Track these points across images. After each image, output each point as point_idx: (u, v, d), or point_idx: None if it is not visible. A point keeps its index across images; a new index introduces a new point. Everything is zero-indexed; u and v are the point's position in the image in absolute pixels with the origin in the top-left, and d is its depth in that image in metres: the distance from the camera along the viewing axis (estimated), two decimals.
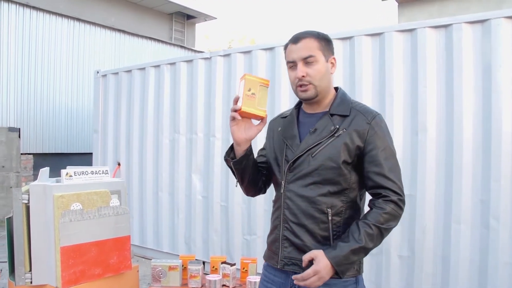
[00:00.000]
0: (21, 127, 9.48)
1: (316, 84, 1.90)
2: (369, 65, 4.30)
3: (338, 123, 1.88)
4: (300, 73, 1.87)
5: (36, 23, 9.90)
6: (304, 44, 1.89)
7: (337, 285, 1.83)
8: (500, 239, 3.62)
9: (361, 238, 1.74)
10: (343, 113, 1.91)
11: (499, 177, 3.63)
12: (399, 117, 4.13)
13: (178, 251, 5.77)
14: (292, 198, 1.91)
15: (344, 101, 1.97)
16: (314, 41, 1.91)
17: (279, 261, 1.95)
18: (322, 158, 1.85)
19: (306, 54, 1.88)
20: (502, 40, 3.65)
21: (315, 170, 1.86)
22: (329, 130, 1.87)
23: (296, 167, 1.91)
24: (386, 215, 1.79)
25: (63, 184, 2.91)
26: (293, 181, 1.92)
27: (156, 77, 6.17)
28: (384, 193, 1.81)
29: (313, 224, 1.86)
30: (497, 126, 3.65)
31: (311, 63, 1.88)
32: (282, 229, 1.94)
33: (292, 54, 1.91)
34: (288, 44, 1.95)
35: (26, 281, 2.88)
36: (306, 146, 1.89)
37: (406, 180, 4.01)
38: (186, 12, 15.72)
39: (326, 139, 1.86)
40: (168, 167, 5.99)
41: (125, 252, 3.11)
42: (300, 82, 1.89)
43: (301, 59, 1.88)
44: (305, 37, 1.91)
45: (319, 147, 1.86)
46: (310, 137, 1.91)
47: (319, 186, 1.86)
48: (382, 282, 4.19)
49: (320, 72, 1.90)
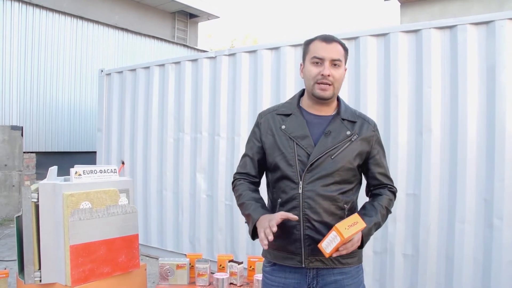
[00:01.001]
0: (24, 126, 9.50)
1: (336, 87, 2.01)
2: (374, 65, 4.33)
3: (351, 129, 2.04)
4: (327, 72, 1.96)
5: (39, 21, 9.92)
6: (335, 47, 2.00)
7: (352, 272, 2.06)
8: (504, 238, 3.65)
9: (378, 215, 2.03)
10: (352, 119, 2.08)
11: (502, 177, 3.66)
12: (404, 118, 4.15)
13: (183, 249, 5.79)
14: (314, 198, 1.97)
15: (347, 107, 2.14)
16: (341, 48, 2.03)
17: (303, 260, 1.99)
18: (341, 160, 1.99)
19: (336, 56, 1.98)
20: (506, 41, 3.67)
21: (336, 171, 1.98)
22: (345, 135, 2.02)
23: (315, 168, 1.98)
24: (390, 201, 2.12)
25: (73, 183, 2.94)
26: (312, 181, 1.98)
27: (161, 76, 6.19)
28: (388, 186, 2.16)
29: (334, 220, 1.95)
30: (501, 127, 3.67)
31: (337, 66, 1.99)
32: (303, 229, 1.98)
33: (321, 51, 1.98)
34: (315, 41, 2.04)
35: (35, 279, 2.91)
36: (325, 148, 1.98)
37: (410, 179, 4.09)
38: (189, 11, 15.74)
39: (344, 142, 2.01)
40: (173, 166, 6.01)
41: (134, 250, 3.14)
42: (324, 80, 1.97)
43: (330, 59, 1.97)
44: (335, 41, 2.02)
45: (337, 150, 1.99)
46: (326, 139, 2.00)
47: (338, 186, 2.00)
48: (386, 280, 4.22)
49: (341, 77, 2.03)
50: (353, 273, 2.05)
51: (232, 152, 5.35)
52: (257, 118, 2.22)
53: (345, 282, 2.01)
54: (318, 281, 1.99)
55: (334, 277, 2.00)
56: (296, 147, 2.01)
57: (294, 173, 2.00)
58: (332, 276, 2.00)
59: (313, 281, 2.00)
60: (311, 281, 2.00)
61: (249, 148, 2.22)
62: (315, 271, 2.00)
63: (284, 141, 2.05)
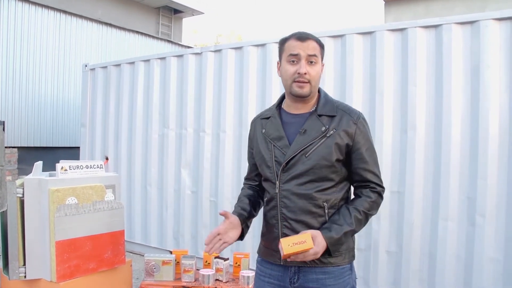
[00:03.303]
0: (6, 120, 9.35)
1: (313, 84, 1.99)
2: (360, 63, 4.36)
3: (327, 124, 1.99)
4: (303, 69, 1.94)
5: (21, 15, 9.76)
6: (311, 44, 1.98)
7: (335, 272, 2.00)
8: (486, 236, 3.71)
9: (352, 222, 1.94)
10: (330, 114, 2.02)
11: (485, 175, 3.72)
12: (389, 115, 4.19)
13: (167, 246, 5.78)
14: (289, 197, 1.99)
15: (328, 101, 2.08)
16: (317, 44, 2.01)
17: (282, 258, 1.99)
18: (316, 157, 1.95)
19: (312, 52, 1.97)
20: (490, 41, 3.73)
21: (310, 169, 1.96)
22: (320, 131, 1.98)
23: (290, 167, 1.98)
24: (372, 203, 2.00)
25: (58, 178, 2.92)
26: (288, 180, 1.99)
27: (146, 71, 6.15)
28: (371, 185, 2.03)
29: (312, 219, 1.97)
30: (485, 125, 3.73)
31: (313, 63, 1.98)
32: (281, 227, 2.01)
33: (297, 49, 1.96)
34: (290, 39, 2.01)
35: (20, 275, 2.88)
36: (298, 146, 1.98)
37: (394, 177, 4.12)
38: (173, 6, 15.66)
39: (318, 139, 1.97)
40: (157, 162, 5.99)
41: (119, 246, 3.14)
42: (300, 78, 1.96)
43: (306, 57, 1.96)
44: (310, 38, 1.99)
45: (312, 147, 1.96)
46: (300, 137, 1.99)
47: (314, 183, 1.97)
48: (370, 277, 4.26)
49: (318, 73, 2.01)
50: (336, 273, 2.00)
51: (217, 148, 5.34)
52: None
53: (327, 281, 1.98)
54: (299, 276, 2.00)
55: (316, 275, 1.98)
56: (274, 149, 2.04)
57: (272, 174, 2.04)
58: (313, 274, 1.99)
59: (294, 276, 2.01)
60: (292, 275, 2.01)
61: (248, 155, 2.31)
62: (296, 268, 2.01)
63: (263, 144, 2.10)
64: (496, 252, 3.68)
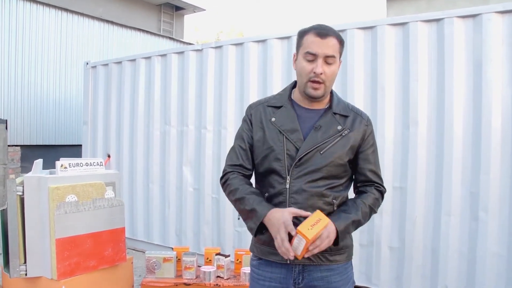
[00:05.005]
0: (8, 119, 9.37)
1: (327, 85, 1.94)
2: (361, 58, 4.33)
3: (342, 123, 1.98)
4: (320, 70, 1.87)
5: (23, 13, 9.78)
6: (330, 42, 1.89)
7: (340, 269, 2.01)
8: (489, 231, 3.69)
9: (359, 214, 1.95)
10: (344, 113, 2.01)
11: (488, 170, 3.69)
12: (391, 111, 4.17)
13: (169, 243, 5.78)
14: (301, 193, 1.92)
15: (340, 101, 2.06)
16: (337, 42, 1.92)
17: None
18: (331, 156, 1.93)
19: (331, 53, 1.88)
20: (492, 34, 3.69)
21: (325, 167, 1.93)
22: (336, 129, 1.96)
23: (304, 162, 1.92)
24: (376, 200, 2.04)
25: (58, 175, 2.90)
26: (300, 176, 1.92)
27: (147, 68, 6.14)
28: (375, 184, 2.07)
29: None
30: (487, 120, 3.70)
31: (330, 63, 1.90)
32: None
33: (315, 47, 1.88)
34: (309, 33, 1.92)
35: (21, 273, 2.88)
36: (314, 142, 1.92)
37: (397, 172, 4.11)
38: (175, 3, 15.66)
39: (334, 137, 1.95)
40: (159, 159, 5.98)
41: (120, 243, 3.12)
42: (316, 78, 1.89)
43: (323, 56, 1.88)
44: (331, 35, 1.89)
45: (327, 145, 1.93)
46: (316, 134, 1.94)
47: (326, 181, 1.94)
48: (372, 272, 4.25)
49: (334, 74, 1.94)
50: (341, 269, 2.00)
51: (218, 145, 5.33)
52: (246, 110, 2.15)
53: (332, 278, 1.97)
54: (304, 276, 1.95)
55: (321, 273, 1.96)
56: (285, 141, 1.95)
57: (282, 168, 1.95)
58: (319, 272, 1.96)
59: (299, 276, 1.96)
60: (296, 276, 1.96)
61: (241, 139, 2.13)
62: (301, 267, 1.95)
63: (273, 134, 1.99)
64: (499, 247, 3.66)
